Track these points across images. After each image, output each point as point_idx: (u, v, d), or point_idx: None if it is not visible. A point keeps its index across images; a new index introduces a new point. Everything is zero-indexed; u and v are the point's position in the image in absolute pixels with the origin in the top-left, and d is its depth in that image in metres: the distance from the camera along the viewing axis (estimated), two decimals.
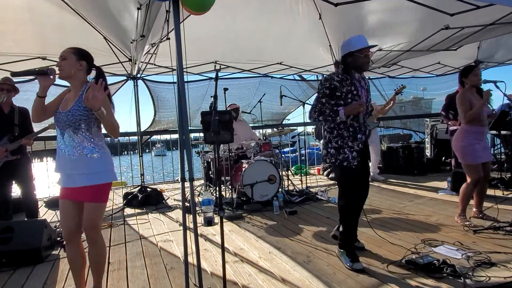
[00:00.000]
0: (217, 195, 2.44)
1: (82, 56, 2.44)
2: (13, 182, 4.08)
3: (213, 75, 7.19)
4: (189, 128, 2.53)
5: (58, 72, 2.37)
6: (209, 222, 4.39)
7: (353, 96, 2.93)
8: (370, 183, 3.42)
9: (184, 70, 2.35)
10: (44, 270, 3.23)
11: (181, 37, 2.11)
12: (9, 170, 3.89)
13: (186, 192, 3.19)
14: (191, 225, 2.37)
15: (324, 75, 3.15)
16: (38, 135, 4.22)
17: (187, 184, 2.52)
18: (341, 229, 3.13)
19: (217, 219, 4.43)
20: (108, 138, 9.30)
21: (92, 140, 2.37)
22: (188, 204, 3.14)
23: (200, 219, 4.38)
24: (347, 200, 3.03)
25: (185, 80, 2.43)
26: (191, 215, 2.35)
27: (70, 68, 2.37)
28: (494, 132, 4.23)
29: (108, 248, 3.78)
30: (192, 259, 2.45)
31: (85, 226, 2.37)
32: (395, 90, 6.19)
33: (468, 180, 3.85)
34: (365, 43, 2.97)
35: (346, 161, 2.93)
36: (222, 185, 5.89)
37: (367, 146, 3.18)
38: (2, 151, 3.78)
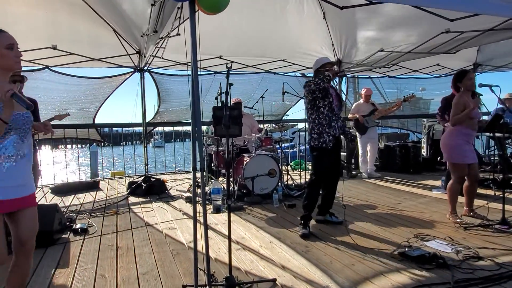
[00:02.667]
0: (226, 186, 2.58)
1: None
2: None
3: (217, 69, 7.36)
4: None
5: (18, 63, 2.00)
6: (217, 210, 4.57)
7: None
8: (367, 180, 3.69)
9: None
10: (56, 252, 3.39)
11: (196, 36, 2.25)
12: None
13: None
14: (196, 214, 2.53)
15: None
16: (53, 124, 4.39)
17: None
18: (305, 202, 3.90)
19: (210, 209, 4.60)
20: (106, 129, 9.45)
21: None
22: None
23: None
24: (318, 177, 3.88)
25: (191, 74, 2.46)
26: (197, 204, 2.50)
27: None
28: (488, 134, 4.40)
29: (115, 233, 3.96)
30: (198, 246, 2.61)
31: (29, 236, 2.09)
32: (404, 96, 6.31)
33: (453, 178, 4.07)
34: (324, 61, 3.95)
35: (324, 144, 3.76)
36: (223, 178, 6.06)
37: (340, 138, 3.93)
38: None
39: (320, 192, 4.02)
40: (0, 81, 1.92)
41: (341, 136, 3.99)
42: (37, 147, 4.46)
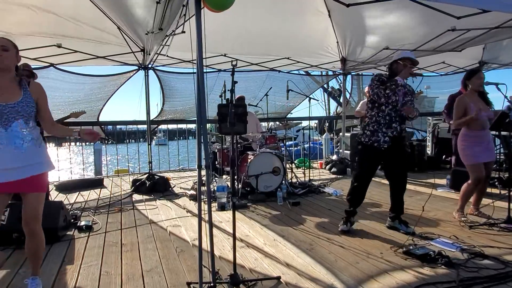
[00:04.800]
0: (231, 183, 2.58)
1: (18, 51, 2.41)
2: None
3: (221, 67, 7.35)
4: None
5: None
6: (222, 207, 4.59)
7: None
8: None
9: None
10: (61, 249, 3.41)
11: (202, 35, 2.25)
12: None
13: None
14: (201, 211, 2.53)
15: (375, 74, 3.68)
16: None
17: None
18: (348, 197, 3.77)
19: (214, 207, 4.61)
20: (110, 126, 9.52)
21: (37, 131, 2.44)
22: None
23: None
24: (360, 172, 3.72)
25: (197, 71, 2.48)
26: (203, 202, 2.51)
27: (11, 61, 2.34)
28: (494, 132, 4.37)
29: (120, 230, 3.98)
30: (202, 243, 2.61)
31: (28, 219, 2.38)
32: None
33: (470, 179, 3.99)
34: (409, 54, 3.65)
35: (377, 142, 3.53)
36: (227, 175, 6.07)
37: (401, 139, 3.61)
38: None
39: (360, 196, 3.73)
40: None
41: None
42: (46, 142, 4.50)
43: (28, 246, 2.46)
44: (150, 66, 6.74)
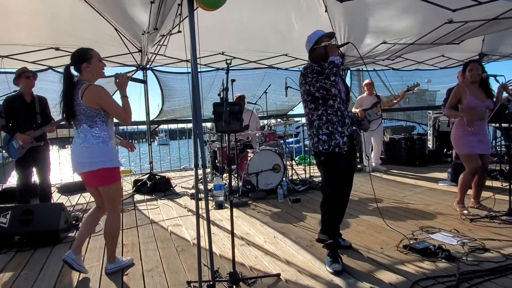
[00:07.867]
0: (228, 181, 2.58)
1: None
2: (33, 167, 4.27)
3: (219, 65, 7.34)
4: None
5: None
6: (220, 206, 4.60)
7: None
8: (372, 173, 3.62)
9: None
10: (63, 251, 3.41)
11: (195, 33, 2.25)
12: (31, 156, 4.12)
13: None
14: (200, 210, 2.54)
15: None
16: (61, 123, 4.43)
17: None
18: (321, 225, 3.10)
19: (212, 206, 4.62)
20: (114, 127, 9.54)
21: None
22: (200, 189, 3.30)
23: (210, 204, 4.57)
24: (335, 189, 2.92)
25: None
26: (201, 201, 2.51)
27: None
28: (494, 124, 4.36)
29: (121, 231, 3.98)
30: (202, 242, 2.62)
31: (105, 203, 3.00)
32: (408, 86, 6.21)
33: (466, 169, 4.00)
34: (318, 34, 3.07)
35: (337, 147, 2.86)
36: (227, 174, 6.06)
37: (353, 133, 3.08)
38: (28, 138, 4.00)
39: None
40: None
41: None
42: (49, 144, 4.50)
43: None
44: (148, 66, 6.73)
